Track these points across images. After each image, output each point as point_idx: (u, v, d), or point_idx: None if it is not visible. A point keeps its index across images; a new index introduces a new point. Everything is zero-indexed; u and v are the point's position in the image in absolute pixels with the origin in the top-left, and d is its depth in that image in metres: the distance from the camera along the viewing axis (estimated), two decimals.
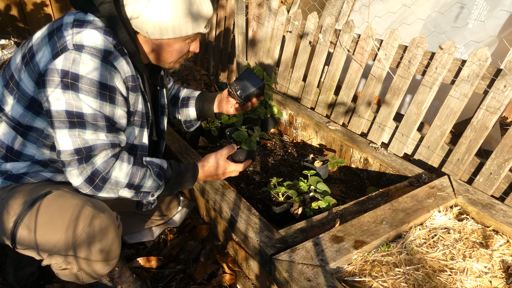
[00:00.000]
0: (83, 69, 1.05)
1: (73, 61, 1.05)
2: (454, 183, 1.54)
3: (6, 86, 1.17)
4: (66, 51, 1.05)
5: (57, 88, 1.05)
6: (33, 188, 1.17)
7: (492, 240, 1.30)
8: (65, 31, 1.09)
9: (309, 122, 2.21)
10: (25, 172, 1.20)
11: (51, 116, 1.07)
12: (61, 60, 1.04)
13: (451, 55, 1.68)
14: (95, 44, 1.08)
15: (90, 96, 1.07)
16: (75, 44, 1.06)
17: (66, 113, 1.06)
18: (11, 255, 1.47)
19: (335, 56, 2.20)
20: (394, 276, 1.14)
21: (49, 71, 1.05)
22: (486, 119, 1.60)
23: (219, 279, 1.53)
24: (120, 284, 1.41)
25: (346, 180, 1.96)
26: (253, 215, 1.39)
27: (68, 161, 1.09)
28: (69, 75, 1.04)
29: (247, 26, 2.79)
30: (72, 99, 1.05)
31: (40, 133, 1.16)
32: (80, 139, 1.08)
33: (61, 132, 1.07)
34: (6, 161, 1.19)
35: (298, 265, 1.13)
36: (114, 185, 1.16)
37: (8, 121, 1.16)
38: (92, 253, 1.13)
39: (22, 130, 1.16)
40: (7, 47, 3.00)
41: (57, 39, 1.08)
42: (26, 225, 1.11)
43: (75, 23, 1.11)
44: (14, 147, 1.18)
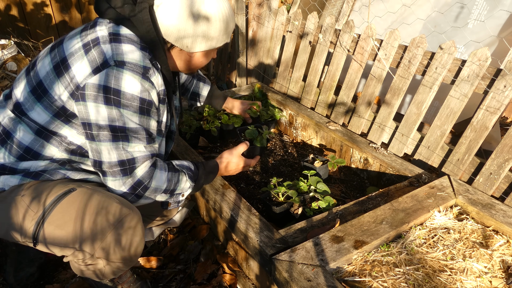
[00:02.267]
0: (125, 86, 1.09)
1: (115, 78, 1.08)
2: (454, 183, 1.54)
3: (32, 92, 1.17)
4: (107, 67, 1.09)
5: (99, 103, 1.08)
6: (54, 186, 1.18)
7: (492, 240, 1.30)
8: (103, 45, 1.12)
9: (309, 122, 2.21)
10: (44, 170, 1.21)
11: (91, 129, 1.11)
12: (103, 76, 1.08)
13: (451, 55, 1.68)
14: (135, 60, 1.12)
15: (131, 111, 1.11)
16: (116, 61, 1.10)
17: (110, 127, 1.10)
18: (11, 256, 1.47)
19: (335, 56, 2.20)
20: (394, 276, 1.14)
21: (89, 86, 1.08)
22: (486, 119, 1.60)
23: (219, 279, 1.53)
24: (121, 284, 1.41)
25: (346, 180, 1.96)
26: (253, 215, 1.39)
27: (111, 172, 1.15)
28: (111, 91, 1.08)
29: (247, 26, 2.79)
30: (115, 114, 1.10)
31: (64, 139, 1.19)
32: (125, 152, 1.14)
33: (104, 145, 1.12)
34: (23, 161, 1.20)
35: (298, 265, 1.13)
36: (153, 192, 1.23)
37: (32, 124, 1.17)
38: (121, 250, 1.15)
39: (46, 133, 1.18)
40: (7, 47, 3.00)
41: (96, 54, 1.10)
42: (52, 221, 1.12)
43: (111, 37, 1.13)
44: (33, 148, 1.19)
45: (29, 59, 3.08)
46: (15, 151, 1.19)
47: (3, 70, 2.91)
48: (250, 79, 2.90)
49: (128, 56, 1.12)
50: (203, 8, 1.19)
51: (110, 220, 1.12)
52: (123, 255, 1.16)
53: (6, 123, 1.21)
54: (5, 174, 1.20)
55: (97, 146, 1.13)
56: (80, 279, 1.52)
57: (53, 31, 3.69)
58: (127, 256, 1.17)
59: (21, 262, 1.47)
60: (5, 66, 2.94)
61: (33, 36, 3.58)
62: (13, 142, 1.19)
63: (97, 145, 1.13)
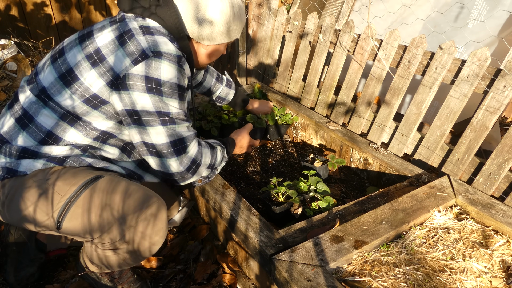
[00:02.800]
0: (164, 75, 1.18)
1: (155, 68, 1.16)
2: (454, 183, 1.54)
3: (61, 78, 1.21)
4: (147, 58, 1.16)
5: (142, 92, 1.16)
6: (82, 172, 1.23)
7: (492, 240, 1.30)
8: (137, 36, 1.19)
9: (309, 122, 2.21)
10: (67, 155, 1.25)
11: (139, 115, 1.19)
12: (143, 67, 1.15)
13: (451, 55, 1.68)
14: (170, 50, 1.20)
15: (172, 98, 1.21)
16: (154, 52, 1.17)
17: (157, 113, 1.20)
18: (11, 256, 1.47)
19: (335, 56, 2.20)
20: (394, 276, 1.14)
21: (131, 76, 1.16)
22: (486, 119, 1.60)
23: (219, 279, 1.53)
24: (121, 284, 1.42)
25: (346, 180, 1.96)
26: (253, 215, 1.39)
27: (165, 153, 1.25)
28: (153, 81, 1.16)
29: (247, 26, 2.79)
30: (159, 101, 1.19)
31: (89, 124, 1.24)
32: (175, 132, 1.24)
33: (155, 129, 1.21)
34: (44, 145, 1.23)
35: (298, 265, 1.13)
36: (203, 168, 1.38)
37: (58, 109, 1.21)
38: (146, 237, 1.18)
39: (71, 118, 1.22)
40: (7, 47, 3.00)
41: (132, 45, 1.17)
42: (80, 205, 1.16)
43: (143, 30, 1.21)
44: (55, 132, 1.23)
45: (29, 59, 3.08)
46: (36, 134, 1.23)
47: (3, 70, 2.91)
48: (250, 79, 2.90)
49: (163, 47, 1.19)
50: None
51: (139, 206, 1.16)
52: (150, 242, 1.20)
53: (28, 106, 1.24)
54: (27, 158, 1.23)
55: (147, 130, 1.21)
56: (80, 279, 1.52)
57: (53, 31, 3.69)
58: (151, 243, 1.21)
59: (21, 262, 1.47)
60: (5, 66, 2.94)
61: (33, 36, 3.58)
62: (35, 125, 1.23)
63: (147, 129, 1.21)
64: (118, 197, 1.16)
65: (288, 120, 2.29)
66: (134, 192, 1.19)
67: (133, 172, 1.39)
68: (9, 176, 1.22)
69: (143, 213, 1.17)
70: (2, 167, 1.23)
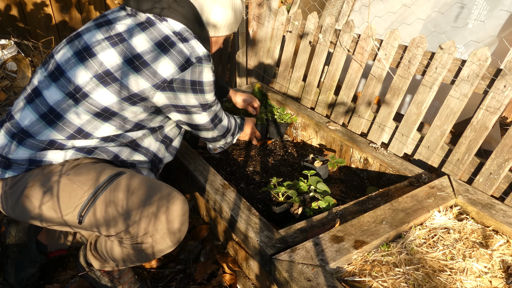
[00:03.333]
0: (206, 77, 1.36)
1: (199, 73, 1.33)
2: (454, 183, 1.54)
3: (97, 78, 1.25)
4: (191, 65, 1.30)
5: (189, 93, 1.35)
6: (103, 167, 1.27)
7: (492, 240, 1.30)
8: (178, 44, 1.29)
9: (309, 122, 2.21)
10: (96, 147, 1.30)
11: (185, 108, 1.39)
12: (190, 73, 1.31)
13: (451, 55, 1.68)
14: (205, 52, 1.34)
15: (210, 93, 1.42)
16: (196, 57, 1.30)
17: (201, 105, 1.42)
18: (12, 257, 1.47)
19: (335, 56, 2.20)
20: (394, 276, 1.14)
21: (179, 81, 1.30)
22: (486, 119, 1.60)
23: (219, 279, 1.53)
24: (122, 285, 1.42)
25: (346, 180, 1.96)
26: (253, 215, 1.39)
27: (208, 128, 1.54)
28: (197, 83, 1.34)
29: (247, 26, 2.79)
30: (201, 97, 1.39)
31: (124, 118, 1.32)
32: (213, 112, 1.50)
33: (199, 115, 1.45)
34: (72, 139, 1.27)
35: (298, 265, 1.13)
36: (229, 133, 1.70)
37: (91, 107, 1.26)
38: (171, 232, 1.22)
39: (106, 115, 1.29)
40: (7, 47, 3.00)
41: (176, 54, 1.28)
42: (103, 199, 1.19)
43: (178, 36, 1.31)
44: (85, 129, 1.27)
45: (29, 59, 3.08)
46: (64, 131, 1.25)
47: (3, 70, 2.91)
48: (250, 79, 2.90)
49: (200, 51, 1.32)
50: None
51: (163, 201, 1.19)
52: (177, 237, 1.24)
53: (56, 103, 1.26)
54: (53, 149, 1.25)
55: (192, 116, 1.44)
56: (80, 279, 1.52)
57: (53, 31, 3.69)
58: (175, 239, 1.24)
59: (22, 263, 1.48)
60: (5, 66, 2.94)
61: (33, 36, 3.58)
62: (64, 123, 1.25)
63: (192, 115, 1.43)
64: (145, 191, 1.21)
65: (287, 119, 2.29)
66: (157, 188, 1.23)
67: (155, 157, 1.49)
68: (32, 167, 1.23)
69: (166, 206, 1.20)
70: (25, 159, 1.23)
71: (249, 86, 2.60)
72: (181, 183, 1.97)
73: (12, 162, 1.23)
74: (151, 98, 1.30)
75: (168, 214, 1.19)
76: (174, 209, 1.20)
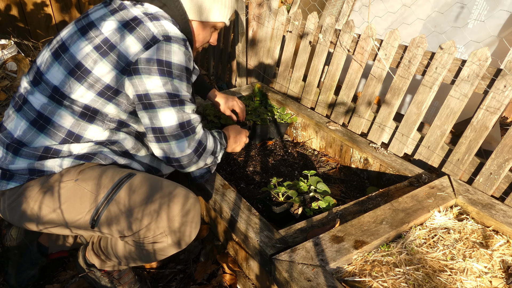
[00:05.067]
0: (174, 57, 1.20)
1: (166, 51, 1.18)
2: (454, 183, 1.54)
3: (71, 74, 1.20)
4: (158, 42, 1.17)
5: (154, 75, 1.18)
6: (112, 170, 1.24)
7: (492, 240, 1.30)
8: (146, 23, 1.20)
9: (309, 122, 2.21)
10: (94, 153, 1.25)
11: (149, 99, 1.20)
12: (155, 51, 1.17)
13: (451, 55, 1.68)
14: (177, 34, 1.22)
15: (181, 80, 1.23)
16: (164, 35, 1.18)
17: (168, 94, 1.21)
18: (13, 259, 1.47)
19: (335, 56, 2.20)
20: (394, 276, 1.14)
21: (143, 61, 1.17)
22: (486, 119, 1.60)
23: (219, 279, 1.53)
24: (122, 285, 1.42)
25: (346, 180, 1.96)
26: (253, 215, 1.39)
27: (174, 135, 1.25)
28: (164, 63, 1.18)
29: (247, 26, 2.79)
30: (170, 83, 1.20)
31: (105, 117, 1.24)
32: (184, 113, 1.25)
33: (164, 110, 1.21)
34: (66, 143, 1.23)
35: (298, 265, 1.13)
36: (207, 153, 1.37)
37: (74, 107, 1.20)
38: (187, 231, 1.21)
39: (89, 115, 1.22)
40: (7, 47, 3.00)
41: (142, 32, 1.18)
42: (118, 202, 1.17)
43: (149, 16, 1.22)
44: (75, 131, 1.22)
45: (29, 59, 3.08)
46: (56, 136, 1.22)
47: (3, 70, 2.91)
48: (250, 79, 2.90)
49: (171, 31, 1.21)
50: None
51: (177, 201, 1.19)
52: (185, 236, 1.22)
53: (43, 108, 1.22)
54: (50, 158, 1.22)
55: (157, 113, 1.21)
56: (80, 279, 1.52)
57: (53, 31, 3.69)
58: (187, 236, 1.23)
59: (22, 265, 1.47)
60: (5, 66, 2.94)
61: (33, 36, 3.58)
62: (54, 127, 1.21)
63: (157, 112, 1.21)
64: (156, 192, 1.19)
65: (287, 119, 2.29)
66: (170, 187, 1.22)
67: (150, 166, 1.41)
68: (34, 177, 1.21)
69: (182, 206, 1.19)
70: (25, 169, 1.21)
71: (249, 86, 2.60)
72: (181, 183, 1.97)
73: (14, 173, 1.21)
74: (122, 89, 1.21)
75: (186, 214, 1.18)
76: (190, 208, 1.20)
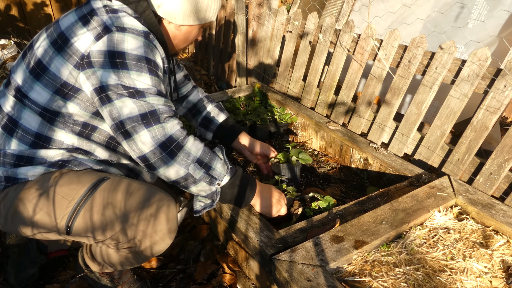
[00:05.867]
0: (129, 46, 1.10)
1: (118, 41, 1.09)
2: (454, 183, 1.54)
3: (31, 72, 1.17)
4: (109, 32, 1.09)
5: (107, 68, 1.08)
6: (85, 175, 1.21)
7: (492, 240, 1.30)
8: (101, 15, 1.13)
9: (309, 122, 2.21)
10: (67, 160, 1.22)
11: (105, 91, 1.09)
12: (105, 41, 1.09)
13: (451, 55, 1.68)
14: (135, 26, 1.14)
15: (140, 71, 1.11)
16: (117, 26, 1.11)
17: (123, 87, 1.10)
18: (12, 258, 1.47)
19: (335, 56, 2.20)
20: (394, 276, 1.14)
21: (94, 53, 1.09)
22: (486, 119, 1.60)
23: (219, 279, 1.53)
24: (121, 285, 1.42)
25: (346, 180, 1.96)
26: (253, 215, 1.39)
27: (135, 127, 1.10)
28: (116, 54, 1.09)
29: (247, 26, 2.79)
30: (125, 75, 1.09)
31: (67, 118, 1.18)
32: (145, 103, 1.11)
33: (122, 101, 1.09)
34: (37, 148, 1.19)
35: (298, 265, 1.13)
36: (186, 156, 1.16)
37: (34, 107, 1.17)
38: (161, 233, 1.17)
39: (49, 116, 1.17)
40: (7, 47, 3.00)
41: (95, 23, 1.11)
42: (90, 208, 1.14)
43: (107, 9, 1.15)
44: (43, 133, 1.18)
45: None
46: (25, 138, 1.19)
47: (3, 70, 2.91)
48: (250, 79, 2.90)
49: (128, 23, 1.13)
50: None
51: (153, 205, 1.15)
52: (164, 238, 1.19)
53: (10, 110, 1.20)
54: (24, 165, 1.20)
55: (116, 105, 1.10)
56: (80, 279, 1.52)
57: None
58: (164, 239, 1.20)
59: (22, 264, 1.47)
60: (5, 66, 2.94)
61: (33, 36, 3.58)
62: (22, 129, 1.18)
63: (116, 103, 1.10)
64: (130, 196, 1.16)
65: (287, 119, 2.29)
66: (136, 191, 1.18)
67: (129, 171, 1.38)
68: (10, 184, 1.20)
69: (143, 212, 1.16)
70: (1, 176, 1.20)
71: (249, 86, 2.60)
72: None
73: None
74: (78, 85, 1.14)
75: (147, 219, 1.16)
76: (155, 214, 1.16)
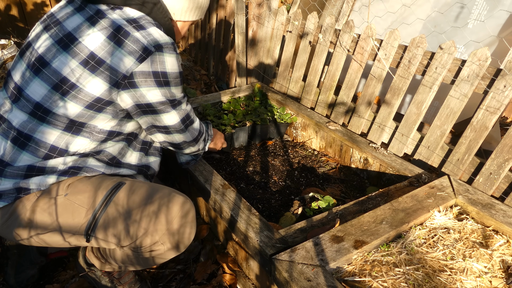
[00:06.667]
0: (169, 67, 1.23)
1: (160, 62, 1.20)
2: (454, 183, 1.54)
3: (55, 89, 1.16)
4: (151, 54, 1.17)
5: (153, 87, 1.22)
6: (101, 181, 1.24)
7: (492, 240, 1.30)
8: (133, 33, 1.17)
9: (309, 122, 2.21)
10: (80, 167, 1.24)
11: (152, 106, 1.26)
12: (149, 63, 1.18)
13: (451, 55, 1.68)
14: (166, 40, 1.22)
15: (177, 86, 1.29)
16: (155, 46, 1.18)
17: (169, 101, 1.28)
18: (12, 259, 1.47)
19: (335, 56, 2.20)
20: (394, 276, 1.14)
21: (139, 74, 1.18)
22: (486, 119, 1.60)
23: (219, 279, 1.53)
24: (122, 285, 1.42)
25: (346, 180, 1.96)
26: (253, 215, 1.39)
27: (178, 130, 1.38)
28: (160, 75, 1.21)
29: (247, 26, 2.79)
30: (168, 91, 1.26)
31: (94, 128, 1.23)
32: (182, 110, 1.35)
33: (167, 114, 1.30)
34: (48, 159, 1.20)
35: (298, 265, 1.13)
36: (201, 137, 1.53)
37: (57, 122, 1.18)
38: (185, 235, 1.24)
39: (75, 127, 1.20)
40: (7, 47, 3.00)
41: (132, 44, 1.16)
42: (110, 213, 1.18)
43: (133, 24, 1.19)
44: (58, 146, 1.19)
45: None
46: (38, 152, 1.18)
47: (3, 70, 2.91)
48: (250, 79, 2.90)
49: (159, 38, 1.20)
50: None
51: (172, 208, 1.20)
52: (183, 242, 1.26)
53: (22, 126, 1.18)
54: (35, 176, 1.19)
55: (160, 117, 1.30)
56: (80, 279, 1.52)
57: None
58: (186, 241, 1.27)
59: (22, 265, 1.47)
60: (5, 66, 2.94)
61: None
62: (35, 143, 1.18)
63: (160, 116, 1.30)
64: (151, 200, 1.21)
65: (287, 119, 2.29)
66: (163, 193, 1.23)
67: (140, 167, 1.41)
68: (21, 195, 1.18)
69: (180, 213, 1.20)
70: (11, 189, 1.18)
71: (249, 86, 2.60)
72: (181, 183, 1.97)
73: (1, 193, 1.18)
74: (116, 100, 1.20)
75: (168, 214, 1.19)
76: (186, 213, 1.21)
